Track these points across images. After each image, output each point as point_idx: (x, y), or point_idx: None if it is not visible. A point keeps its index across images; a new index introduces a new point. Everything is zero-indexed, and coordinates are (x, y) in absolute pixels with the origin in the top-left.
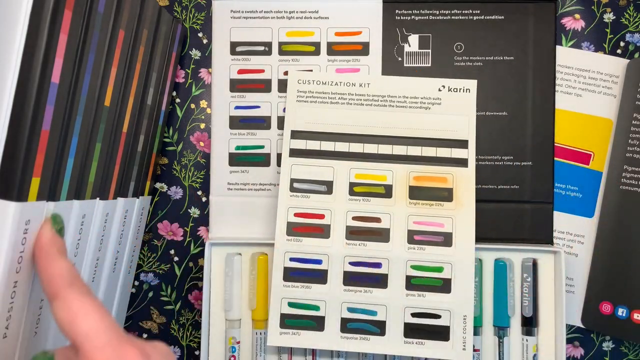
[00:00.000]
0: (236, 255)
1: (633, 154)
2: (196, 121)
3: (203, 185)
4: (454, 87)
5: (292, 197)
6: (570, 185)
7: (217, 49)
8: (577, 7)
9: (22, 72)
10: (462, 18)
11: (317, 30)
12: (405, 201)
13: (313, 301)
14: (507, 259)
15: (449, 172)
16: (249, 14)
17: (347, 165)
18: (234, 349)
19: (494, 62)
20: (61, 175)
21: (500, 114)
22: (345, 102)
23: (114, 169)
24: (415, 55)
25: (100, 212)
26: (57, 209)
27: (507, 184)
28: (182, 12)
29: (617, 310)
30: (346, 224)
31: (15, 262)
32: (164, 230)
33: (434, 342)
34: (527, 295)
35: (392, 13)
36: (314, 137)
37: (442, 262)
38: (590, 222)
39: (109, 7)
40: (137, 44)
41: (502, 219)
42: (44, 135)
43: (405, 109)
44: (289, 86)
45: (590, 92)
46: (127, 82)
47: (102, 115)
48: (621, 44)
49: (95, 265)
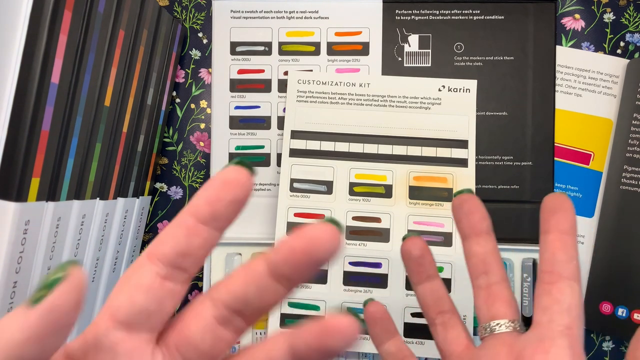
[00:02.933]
0: (236, 255)
1: (633, 154)
2: (196, 121)
3: (203, 185)
4: (454, 87)
5: (292, 197)
6: (570, 185)
7: (217, 49)
8: (577, 7)
9: (22, 73)
10: (462, 18)
11: (317, 30)
12: (405, 201)
13: (313, 301)
14: (507, 259)
15: (449, 172)
16: (249, 14)
17: (347, 165)
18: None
19: (494, 62)
20: (61, 175)
21: (500, 114)
22: (345, 102)
23: (114, 169)
24: (415, 55)
25: (100, 212)
26: (57, 209)
27: (507, 184)
28: (182, 12)
29: (617, 310)
30: (346, 224)
31: (15, 262)
32: None
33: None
34: (527, 295)
35: (392, 13)
36: (314, 137)
37: (442, 262)
38: (590, 222)
39: (109, 7)
40: (137, 44)
41: (502, 219)
42: (44, 135)
43: (405, 109)
44: (289, 86)
45: (590, 92)
46: (127, 82)
47: (102, 115)
48: (621, 44)
49: (95, 265)
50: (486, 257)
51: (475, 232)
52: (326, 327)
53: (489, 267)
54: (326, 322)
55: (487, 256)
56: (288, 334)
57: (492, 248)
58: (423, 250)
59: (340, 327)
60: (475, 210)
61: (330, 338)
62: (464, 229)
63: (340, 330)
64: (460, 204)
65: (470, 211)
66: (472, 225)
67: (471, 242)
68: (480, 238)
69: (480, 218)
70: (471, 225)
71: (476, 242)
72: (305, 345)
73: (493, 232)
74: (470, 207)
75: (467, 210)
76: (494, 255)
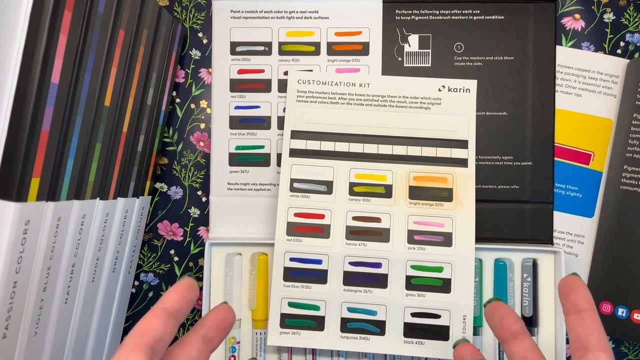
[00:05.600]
0: (236, 255)
1: (633, 154)
2: (196, 121)
3: (203, 185)
4: (454, 87)
5: (292, 197)
6: (570, 185)
7: (217, 49)
8: (577, 7)
9: (22, 73)
10: (462, 18)
11: (317, 30)
12: (405, 201)
13: (313, 301)
14: (507, 259)
15: (449, 172)
16: (249, 14)
17: (347, 165)
18: (234, 349)
19: (494, 62)
20: (61, 176)
21: (500, 114)
22: (345, 102)
23: (114, 169)
24: (415, 55)
25: (100, 212)
26: (57, 209)
27: (507, 184)
28: (182, 12)
29: (617, 310)
30: (346, 224)
31: (15, 263)
32: (164, 230)
33: (434, 342)
34: (527, 295)
35: (392, 13)
36: (314, 137)
37: (442, 262)
38: (590, 222)
39: (109, 7)
40: (137, 44)
41: (502, 219)
42: (44, 135)
43: (405, 109)
44: (289, 86)
45: (590, 92)
46: (127, 82)
47: (102, 115)
48: (621, 44)
49: (95, 265)
50: (526, 355)
51: (512, 335)
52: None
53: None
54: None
55: (527, 354)
56: (197, 327)
57: (530, 345)
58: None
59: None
60: (506, 315)
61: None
62: (500, 335)
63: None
64: (492, 312)
65: (502, 316)
66: (506, 328)
67: (510, 345)
68: (516, 339)
69: (512, 321)
70: (505, 329)
71: (514, 343)
72: (210, 330)
73: (527, 331)
74: (501, 313)
75: (499, 316)
76: (534, 352)
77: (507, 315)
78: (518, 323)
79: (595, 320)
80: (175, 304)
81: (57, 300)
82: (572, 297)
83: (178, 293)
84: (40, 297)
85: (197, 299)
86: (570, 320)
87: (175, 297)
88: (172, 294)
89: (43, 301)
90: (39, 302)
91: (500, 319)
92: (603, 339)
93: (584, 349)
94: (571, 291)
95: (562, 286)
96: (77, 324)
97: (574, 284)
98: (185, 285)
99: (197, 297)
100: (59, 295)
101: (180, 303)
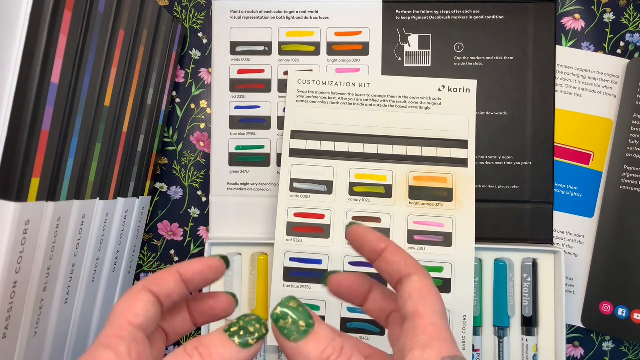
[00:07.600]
0: (236, 255)
1: (633, 154)
2: (196, 121)
3: (203, 185)
4: (454, 87)
5: (292, 197)
6: (570, 185)
7: (217, 49)
8: (577, 7)
9: (22, 73)
10: (462, 18)
11: (317, 30)
12: (405, 201)
13: (313, 301)
14: (507, 259)
15: (449, 172)
16: (249, 14)
17: (347, 165)
18: None
19: (494, 62)
20: (61, 176)
21: (500, 114)
22: (345, 102)
23: (114, 169)
24: (415, 55)
25: (100, 212)
26: (57, 209)
27: (507, 184)
28: (182, 12)
29: (617, 310)
30: (346, 224)
31: (15, 262)
32: (164, 230)
33: None
34: (527, 295)
35: (392, 13)
36: (314, 137)
37: (442, 262)
38: (590, 222)
39: (109, 7)
40: (137, 44)
41: (502, 219)
42: (44, 135)
43: (405, 109)
44: (289, 86)
45: (590, 92)
46: (127, 82)
47: (102, 115)
48: (621, 44)
49: (95, 265)
50: (400, 266)
51: (378, 253)
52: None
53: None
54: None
55: (400, 265)
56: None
57: (403, 256)
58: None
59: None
60: (367, 239)
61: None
62: (369, 258)
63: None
64: (353, 240)
65: (363, 243)
66: (373, 252)
67: (380, 263)
68: (386, 252)
69: (376, 242)
70: (372, 253)
71: (383, 258)
72: (191, 274)
73: (391, 241)
74: (361, 241)
75: (360, 245)
76: (407, 261)
77: (368, 238)
78: (382, 242)
79: (396, 252)
80: (189, 274)
81: (57, 300)
82: (367, 246)
83: (199, 267)
84: (40, 297)
85: (215, 281)
86: (378, 266)
87: (195, 268)
88: (194, 264)
89: (43, 301)
90: (39, 302)
91: (362, 245)
92: (410, 263)
93: (398, 282)
94: (364, 241)
95: (353, 241)
96: (77, 324)
97: (361, 233)
98: (209, 264)
99: (216, 280)
100: (58, 295)
101: (195, 276)
